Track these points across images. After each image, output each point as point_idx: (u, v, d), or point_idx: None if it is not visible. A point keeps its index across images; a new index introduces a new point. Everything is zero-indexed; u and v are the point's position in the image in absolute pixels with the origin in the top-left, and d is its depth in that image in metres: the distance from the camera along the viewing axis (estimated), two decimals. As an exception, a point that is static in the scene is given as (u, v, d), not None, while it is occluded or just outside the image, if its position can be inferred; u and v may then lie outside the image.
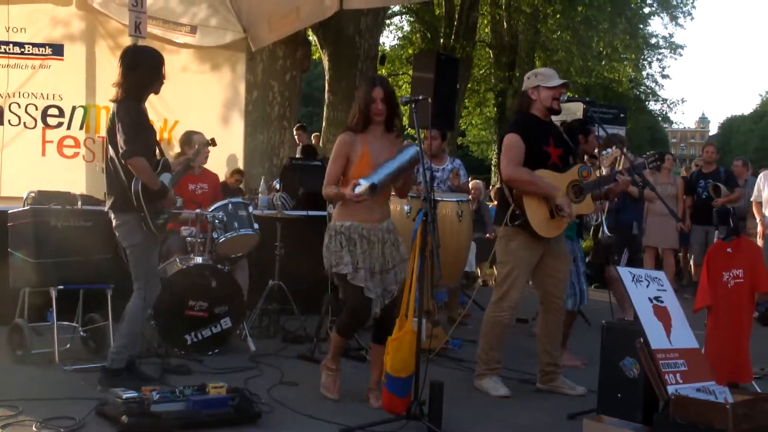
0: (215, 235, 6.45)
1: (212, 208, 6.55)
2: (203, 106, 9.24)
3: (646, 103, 38.09)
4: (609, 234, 7.22)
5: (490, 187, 16.75)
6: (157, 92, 5.33)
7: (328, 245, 4.92)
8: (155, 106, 8.39)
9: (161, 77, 5.25)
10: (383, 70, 22.36)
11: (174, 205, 5.33)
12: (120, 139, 5.00)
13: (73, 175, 8.42)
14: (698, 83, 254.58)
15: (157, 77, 5.22)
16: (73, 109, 8.59)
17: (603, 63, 27.65)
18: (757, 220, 9.79)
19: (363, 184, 4.61)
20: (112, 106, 5.21)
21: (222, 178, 8.45)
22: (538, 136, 5.35)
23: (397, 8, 24.81)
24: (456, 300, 8.41)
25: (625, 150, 6.07)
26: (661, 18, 30.35)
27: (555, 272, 5.50)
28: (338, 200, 4.94)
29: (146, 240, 5.14)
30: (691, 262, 11.44)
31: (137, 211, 5.04)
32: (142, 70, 5.16)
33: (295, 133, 12.02)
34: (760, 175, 9.90)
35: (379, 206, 4.96)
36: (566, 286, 5.76)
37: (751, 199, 9.99)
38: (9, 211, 6.14)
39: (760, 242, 9.38)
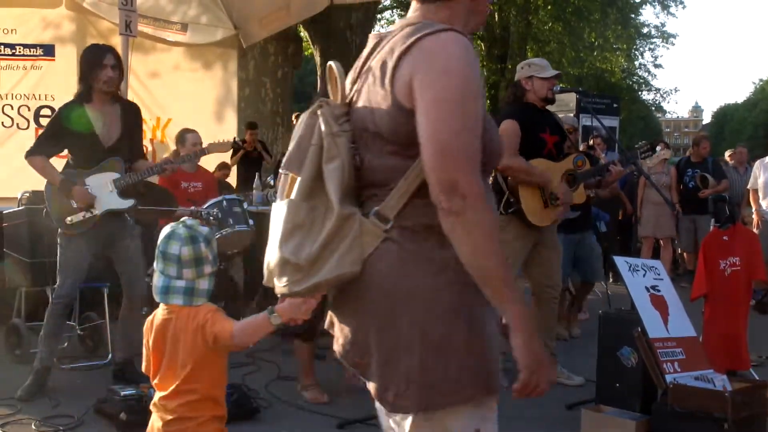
0: (210, 232, 6.42)
1: (207, 204, 6.52)
2: (196, 104, 9.19)
3: (639, 92, 38.17)
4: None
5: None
6: (107, 89, 5.04)
7: None
8: (148, 105, 8.37)
9: (101, 72, 4.97)
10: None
11: (84, 202, 5.01)
12: None
13: (66, 175, 8.38)
14: (691, 72, 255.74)
15: (93, 73, 4.98)
16: (65, 109, 8.54)
17: (595, 54, 27.70)
18: (753, 209, 9.78)
19: None
20: None
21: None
22: (535, 123, 5.32)
23: (387, 2, 24.80)
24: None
25: None
26: (653, 7, 30.38)
27: (547, 262, 5.48)
28: None
29: (61, 237, 5.11)
30: (679, 250, 11.43)
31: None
32: (81, 69, 5.09)
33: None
34: (756, 163, 9.89)
35: None
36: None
37: (748, 187, 9.99)
38: (4, 212, 6.12)
39: (756, 232, 9.35)
